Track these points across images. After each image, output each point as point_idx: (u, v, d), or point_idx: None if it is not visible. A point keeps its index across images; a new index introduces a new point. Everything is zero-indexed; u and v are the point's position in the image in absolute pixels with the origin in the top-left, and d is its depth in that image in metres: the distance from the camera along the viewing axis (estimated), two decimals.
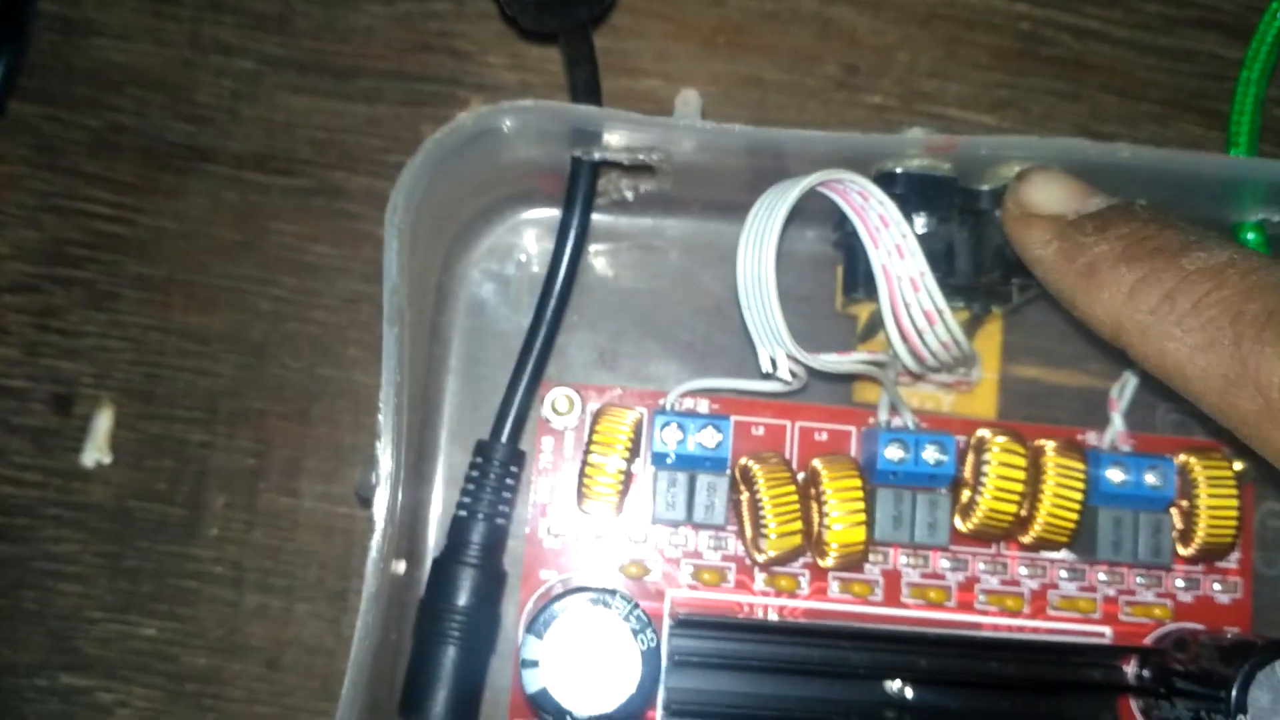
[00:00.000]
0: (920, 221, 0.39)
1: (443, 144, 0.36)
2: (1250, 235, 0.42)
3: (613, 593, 0.36)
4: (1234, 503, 0.40)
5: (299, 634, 0.43)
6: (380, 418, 0.35)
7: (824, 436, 0.42)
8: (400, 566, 0.40)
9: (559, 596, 0.36)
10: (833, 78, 0.47)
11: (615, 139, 0.39)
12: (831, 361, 0.38)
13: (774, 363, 0.38)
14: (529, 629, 0.35)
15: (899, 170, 0.39)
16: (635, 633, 0.35)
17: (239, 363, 0.44)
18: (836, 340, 0.43)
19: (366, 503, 0.36)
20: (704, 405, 0.42)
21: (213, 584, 0.43)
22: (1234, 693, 0.36)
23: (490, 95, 0.46)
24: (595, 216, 0.43)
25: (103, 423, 0.44)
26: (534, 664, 0.35)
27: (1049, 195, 0.37)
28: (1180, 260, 0.33)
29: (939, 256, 0.39)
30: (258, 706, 0.43)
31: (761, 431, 0.42)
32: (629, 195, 0.42)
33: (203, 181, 0.45)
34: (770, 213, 0.37)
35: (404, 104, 0.46)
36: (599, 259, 0.45)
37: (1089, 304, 0.35)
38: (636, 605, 0.35)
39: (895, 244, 0.37)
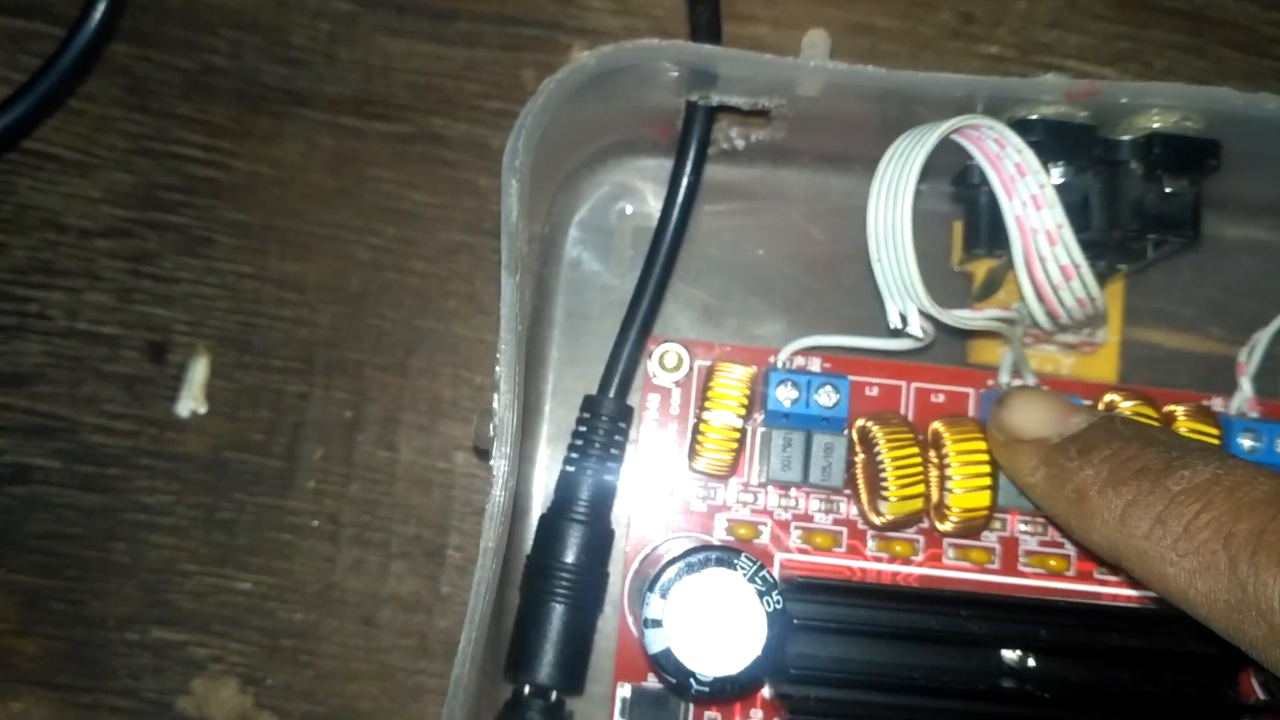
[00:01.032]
0: (1057, 172, 0.37)
1: (565, 85, 0.35)
2: None
3: (738, 553, 0.34)
4: None
5: (396, 590, 0.42)
6: (498, 369, 0.34)
7: (940, 399, 0.41)
8: None
9: (683, 555, 0.34)
10: (947, 26, 0.45)
11: (735, 82, 0.37)
12: (964, 318, 0.37)
13: (904, 319, 0.37)
14: (650, 588, 0.34)
15: (1035, 117, 0.37)
16: (761, 594, 0.34)
17: (336, 312, 0.43)
18: (949, 299, 0.41)
19: (485, 455, 0.35)
20: (814, 364, 0.41)
21: (309, 538, 0.42)
22: None
23: (592, 40, 0.45)
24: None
25: (198, 371, 0.43)
26: (658, 624, 0.34)
27: (1029, 418, 0.36)
28: (1166, 481, 0.32)
29: (1075, 209, 0.37)
30: (354, 663, 0.42)
31: (876, 392, 0.41)
32: (739, 144, 0.41)
33: (298, 126, 0.44)
34: (906, 159, 0.35)
35: (504, 48, 0.45)
36: (705, 210, 0.43)
37: (1085, 530, 0.34)
38: (762, 566, 0.34)
39: (1032, 194, 0.36)
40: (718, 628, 0.34)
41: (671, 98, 0.39)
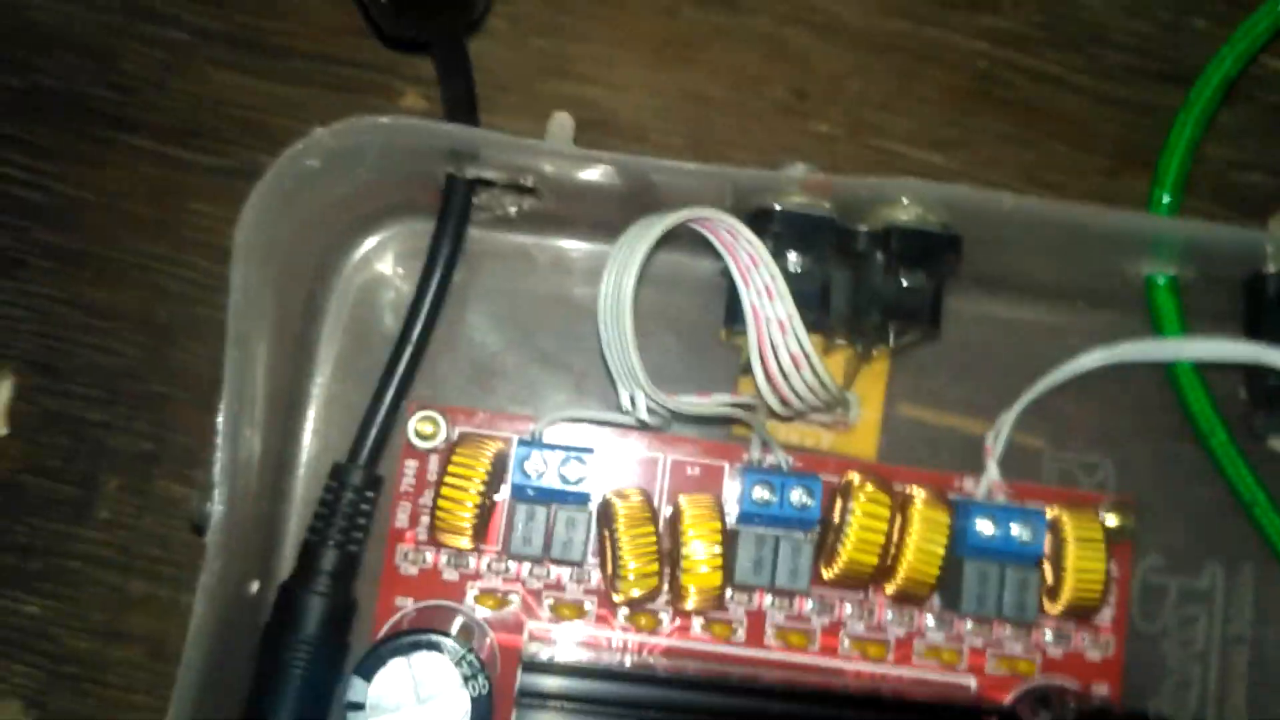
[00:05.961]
0: (794, 259, 0.38)
1: (297, 160, 0.35)
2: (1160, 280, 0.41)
3: (445, 635, 0.35)
4: (1101, 563, 0.39)
5: (183, 626, 0.42)
6: (218, 439, 0.35)
7: (696, 471, 0.41)
8: (254, 587, 0.40)
9: (389, 639, 0.35)
10: (780, 101, 0.45)
11: (489, 159, 0.38)
12: (690, 403, 0.37)
13: (633, 401, 0.37)
14: (356, 670, 0.34)
15: (778, 208, 0.38)
16: (466, 679, 0.34)
17: (144, 344, 0.44)
18: (724, 370, 0.42)
19: (200, 531, 0.35)
20: (576, 434, 0.41)
21: (99, 567, 0.43)
22: None
23: (426, 89, 0.45)
24: (478, 232, 0.42)
25: (2, 393, 0.44)
26: (359, 707, 0.34)
27: None
28: None
29: (814, 296, 0.38)
30: (136, 695, 0.43)
31: (634, 465, 0.41)
32: (512, 211, 0.41)
33: (123, 153, 0.44)
34: (632, 249, 0.36)
35: (335, 89, 0.45)
36: (482, 275, 0.43)
37: None
38: (470, 650, 0.34)
39: (765, 284, 0.36)
40: (421, 712, 0.34)
41: (437, 167, 0.39)
